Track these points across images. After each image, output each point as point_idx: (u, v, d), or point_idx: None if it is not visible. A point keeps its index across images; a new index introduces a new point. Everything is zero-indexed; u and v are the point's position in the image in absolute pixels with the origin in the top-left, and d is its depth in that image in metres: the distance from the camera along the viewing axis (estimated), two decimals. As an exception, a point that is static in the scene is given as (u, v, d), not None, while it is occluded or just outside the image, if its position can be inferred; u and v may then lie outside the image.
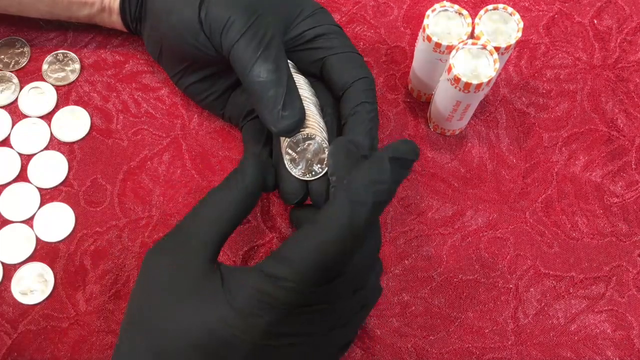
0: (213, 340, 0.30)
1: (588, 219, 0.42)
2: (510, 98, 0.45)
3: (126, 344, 0.32)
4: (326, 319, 0.31)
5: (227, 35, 0.35)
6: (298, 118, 0.35)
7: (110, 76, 0.45)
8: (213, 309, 0.30)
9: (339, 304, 0.31)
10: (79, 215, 0.42)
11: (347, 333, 0.34)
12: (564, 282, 0.41)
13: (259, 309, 0.29)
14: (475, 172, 0.43)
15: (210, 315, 0.30)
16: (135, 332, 0.31)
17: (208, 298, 0.30)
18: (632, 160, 0.44)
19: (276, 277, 0.29)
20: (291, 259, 0.29)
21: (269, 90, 0.34)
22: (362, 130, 0.36)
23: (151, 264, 0.33)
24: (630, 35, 0.47)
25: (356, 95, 0.37)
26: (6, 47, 0.46)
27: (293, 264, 0.29)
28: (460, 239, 0.42)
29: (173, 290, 0.31)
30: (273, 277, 0.29)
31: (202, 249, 0.32)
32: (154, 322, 0.31)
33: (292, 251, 0.30)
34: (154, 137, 0.44)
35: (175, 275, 0.31)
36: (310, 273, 0.29)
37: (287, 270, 0.29)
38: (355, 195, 0.30)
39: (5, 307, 0.40)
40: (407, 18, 0.48)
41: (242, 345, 0.29)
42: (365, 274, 0.33)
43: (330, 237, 0.29)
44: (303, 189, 0.36)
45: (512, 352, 0.39)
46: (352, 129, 0.36)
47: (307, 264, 0.29)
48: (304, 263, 0.29)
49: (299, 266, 0.29)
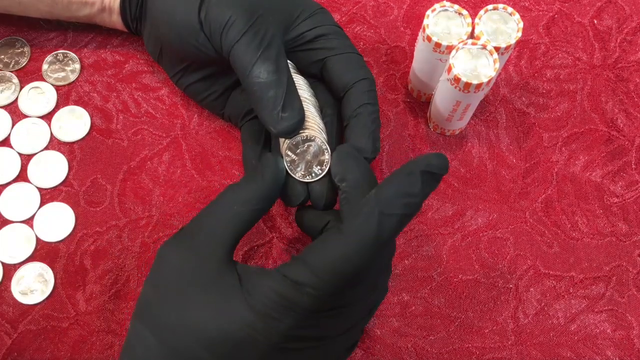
0: (228, 341, 0.29)
1: (588, 219, 0.42)
2: (510, 98, 0.45)
3: (136, 338, 0.31)
4: (341, 323, 0.31)
5: (227, 35, 0.35)
6: (298, 119, 0.34)
7: (110, 76, 0.45)
8: (230, 308, 0.30)
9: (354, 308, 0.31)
10: (79, 215, 0.42)
11: (355, 334, 0.34)
12: (564, 282, 0.41)
13: (279, 313, 0.29)
14: (475, 172, 0.43)
15: (227, 315, 0.29)
16: (146, 327, 0.31)
17: (225, 297, 0.30)
18: (632, 160, 0.44)
19: (299, 283, 0.29)
20: (315, 266, 0.29)
21: (269, 91, 0.34)
22: (364, 132, 0.36)
23: (165, 258, 0.32)
24: (630, 35, 0.47)
25: (358, 97, 0.37)
26: (6, 47, 0.46)
27: (317, 271, 0.29)
28: (460, 239, 0.42)
29: (188, 287, 0.31)
30: (295, 282, 0.29)
31: (218, 246, 0.31)
32: (165, 319, 0.31)
33: (316, 258, 0.29)
34: (154, 137, 0.44)
35: (190, 271, 0.31)
36: (333, 281, 0.29)
37: (311, 278, 0.29)
38: (385, 207, 0.29)
39: (5, 307, 0.40)
40: (407, 18, 0.48)
41: (257, 347, 0.29)
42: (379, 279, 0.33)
43: (356, 247, 0.29)
44: (305, 192, 0.36)
45: (512, 352, 0.39)
46: (354, 130, 0.36)
47: (332, 273, 0.29)
48: (328, 271, 0.29)
49: (323, 274, 0.29)
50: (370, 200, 0.30)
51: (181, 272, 0.31)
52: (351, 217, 0.30)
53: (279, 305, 0.29)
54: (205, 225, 0.32)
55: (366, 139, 0.36)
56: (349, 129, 0.37)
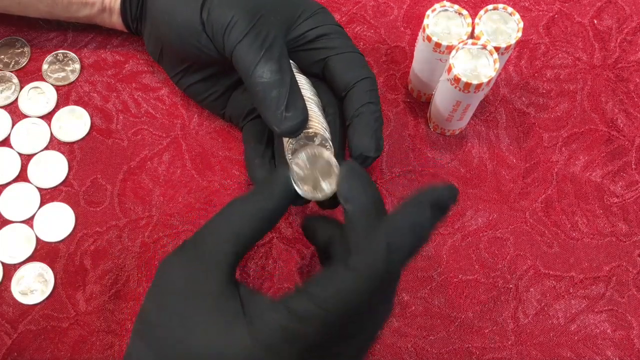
0: None
1: (588, 219, 0.42)
2: (510, 98, 0.45)
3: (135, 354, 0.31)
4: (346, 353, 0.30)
5: (230, 35, 0.35)
6: (301, 119, 0.34)
7: (110, 76, 0.45)
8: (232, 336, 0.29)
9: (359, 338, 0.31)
10: (79, 215, 0.42)
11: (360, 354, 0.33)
12: (564, 282, 0.41)
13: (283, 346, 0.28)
14: (475, 172, 0.43)
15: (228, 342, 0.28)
16: (145, 344, 0.30)
17: (227, 323, 0.29)
18: (632, 160, 0.44)
19: (304, 317, 0.28)
20: (322, 299, 0.28)
21: (272, 90, 0.34)
22: (367, 131, 0.36)
23: (166, 274, 0.31)
24: (630, 35, 0.47)
25: (360, 96, 0.37)
26: (6, 47, 0.46)
27: (324, 305, 0.28)
28: (460, 239, 0.42)
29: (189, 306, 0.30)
30: (301, 316, 0.28)
31: (221, 265, 0.30)
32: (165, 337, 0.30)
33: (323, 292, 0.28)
34: (154, 137, 0.44)
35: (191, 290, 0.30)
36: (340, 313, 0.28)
37: (317, 311, 0.28)
38: (394, 238, 0.28)
39: (5, 307, 0.40)
40: (407, 18, 0.48)
41: None
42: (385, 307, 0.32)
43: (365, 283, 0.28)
44: None
45: (512, 352, 0.39)
46: (357, 130, 0.36)
47: (338, 307, 0.28)
48: (334, 305, 0.28)
49: (329, 308, 0.28)
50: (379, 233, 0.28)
51: (182, 290, 0.30)
52: (359, 250, 0.29)
53: (283, 338, 0.28)
54: (208, 241, 0.31)
55: (369, 138, 0.36)
56: (352, 128, 0.36)
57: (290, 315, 0.28)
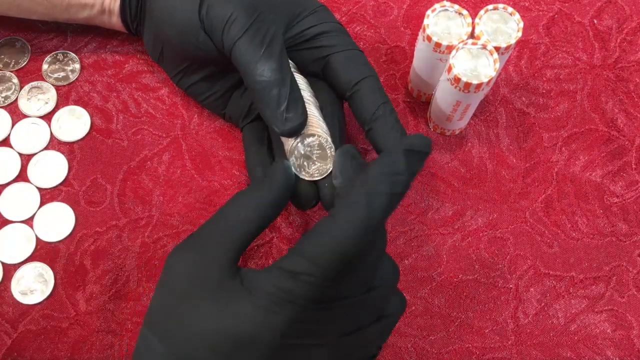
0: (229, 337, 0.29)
1: (588, 219, 0.42)
2: (510, 98, 0.45)
3: (143, 345, 0.31)
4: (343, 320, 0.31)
5: (229, 32, 0.35)
6: (301, 120, 0.34)
7: (110, 76, 0.45)
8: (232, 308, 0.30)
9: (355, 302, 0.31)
10: (79, 215, 0.42)
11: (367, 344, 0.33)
12: (564, 282, 0.41)
13: (278, 305, 0.29)
14: (475, 172, 0.43)
15: (229, 315, 0.30)
16: (153, 334, 0.31)
17: (227, 299, 0.30)
18: (632, 160, 0.44)
19: (295, 272, 0.29)
20: (309, 253, 0.29)
21: (272, 89, 0.34)
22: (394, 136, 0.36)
23: (172, 266, 0.32)
24: (630, 35, 0.47)
25: (372, 98, 0.37)
26: (6, 47, 0.46)
27: (311, 257, 0.29)
28: (460, 239, 0.42)
29: (193, 294, 0.31)
30: (292, 272, 0.29)
31: (224, 255, 0.31)
32: (171, 326, 0.31)
33: (310, 246, 0.29)
34: (154, 137, 0.44)
35: (196, 279, 0.31)
36: (329, 265, 0.29)
37: (306, 265, 0.29)
38: (371, 187, 0.29)
39: (5, 307, 0.40)
40: (407, 18, 0.48)
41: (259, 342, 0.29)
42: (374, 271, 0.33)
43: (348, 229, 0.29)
44: (315, 194, 0.35)
45: (512, 352, 0.39)
46: (383, 135, 0.36)
47: (326, 257, 0.29)
48: (322, 256, 0.29)
49: (317, 259, 0.29)
50: (356, 185, 0.30)
51: (187, 280, 0.31)
52: (341, 201, 0.30)
53: (278, 297, 0.29)
54: (212, 233, 0.32)
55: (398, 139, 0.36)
56: (375, 134, 0.36)
57: (282, 273, 0.29)
